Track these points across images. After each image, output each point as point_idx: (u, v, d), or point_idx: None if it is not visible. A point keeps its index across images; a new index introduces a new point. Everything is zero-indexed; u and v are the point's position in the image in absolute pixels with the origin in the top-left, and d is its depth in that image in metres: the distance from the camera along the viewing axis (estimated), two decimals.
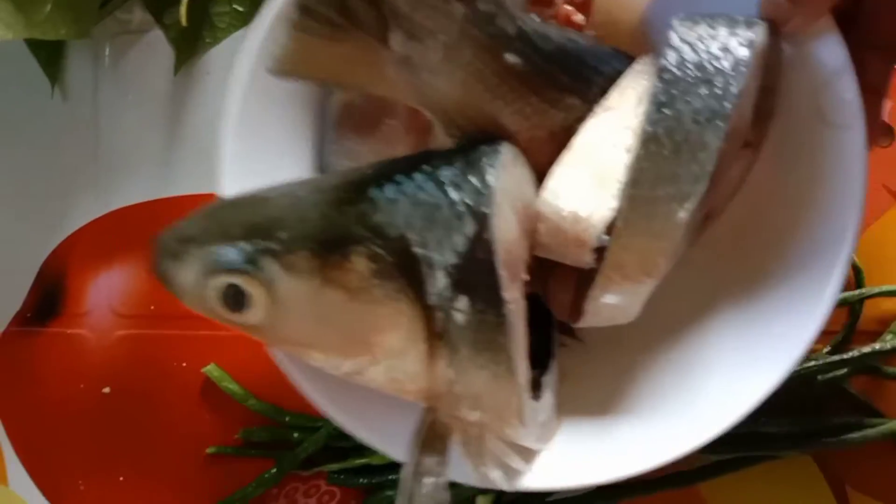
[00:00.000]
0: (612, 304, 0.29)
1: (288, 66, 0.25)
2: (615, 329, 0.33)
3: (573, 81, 0.28)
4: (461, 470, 0.28)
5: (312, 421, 0.42)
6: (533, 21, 0.26)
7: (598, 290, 0.29)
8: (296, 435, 0.42)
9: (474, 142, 0.27)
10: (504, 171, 0.25)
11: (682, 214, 0.27)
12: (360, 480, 0.42)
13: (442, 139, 0.28)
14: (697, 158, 0.26)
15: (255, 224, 0.26)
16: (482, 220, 0.24)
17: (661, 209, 0.27)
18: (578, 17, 0.31)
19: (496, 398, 0.27)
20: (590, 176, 0.28)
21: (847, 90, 0.29)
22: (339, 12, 0.23)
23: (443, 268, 0.24)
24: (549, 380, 0.32)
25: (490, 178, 0.25)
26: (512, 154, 0.27)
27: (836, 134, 0.30)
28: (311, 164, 0.33)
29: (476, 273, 0.24)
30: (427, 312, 0.25)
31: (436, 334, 0.25)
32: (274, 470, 0.42)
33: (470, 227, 0.24)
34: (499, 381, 0.26)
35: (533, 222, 0.28)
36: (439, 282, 0.24)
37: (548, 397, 0.31)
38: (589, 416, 0.33)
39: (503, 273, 0.25)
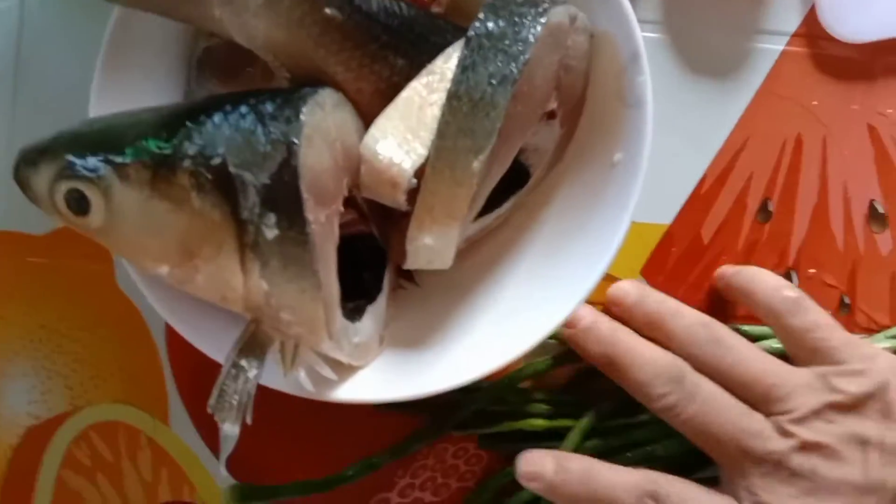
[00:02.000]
0: (429, 245, 0.34)
1: None
2: (447, 276, 0.37)
3: (399, 42, 0.32)
4: (275, 376, 0.32)
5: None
6: None
7: (414, 231, 0.33)
8: (454, 395, 0.39)
9: (303, 86, 0.31)
10: (319, 110, 0.30)
11: (477, 164, 0.31)
12: (511, 446, 0.41)
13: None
14: (489, 116, 0.30)
15: (102, 140, 0.30)
16: (290, 148, 0.28)
17: (461, 159, 0.31)
18: None
19: (305, 311, 0.31)
20: (406, 128, 0.32)
21: (638, 74, 0.34)
22: None
23: (254, 187, 0.28)
24: (375, 310, 0.36)
25: (302, 113, 0.29)
26: (333, 99, 0.31)
27: (631, 111, 0.34)
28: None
29: (283, 194, 0.28)
30: (241, 226, 0.29)
31: (248, 246, 0.29)
32: (430, 427, 0.42)
33: (280, 154, 0.28)
34: (305, 294, 0.30)
35: (356, 163, 0.32)
36: (251, 199, 0.28)
37: (368, 322, 0.35)
38: (411, 347, 0.37)
39: (307, 197, 0.29)
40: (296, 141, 0.28)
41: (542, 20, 0.31)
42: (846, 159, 0.42)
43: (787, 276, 0.42)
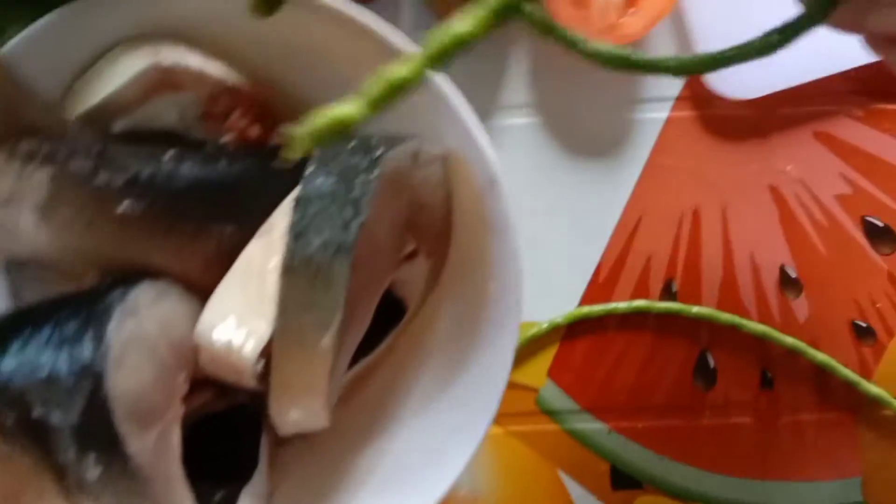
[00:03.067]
0: (296, 419, 0.30)
1: None
2: (333, 423, 0.34)
3: (223, 210, 0.28)
4: None
5: None
6: (157, 163, 0.27)
7: (275, 409, 0.30)
8: None
9: (115, 283, 0.27)
10: (130, 319, 0.26)
11: (327, 341, 0.27)
12: None
13: None
14: (331, 289, 0.27)
15: None
16: (97, 379, 0.25)
17: (309, 336, 0.28)
18: (254, 131, 0.32)
19: None
20: (245, 303, 0.29)
21: (497, 199, 0.30)
22: None
23: (67, 428, 0.25)
24: (252, 489, 0.32)
25: (108, 331, 0.25)
26: (150, 293, 0.27)
27: (496, 238, 0.31)
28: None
29: (97, 430, 0.25)
30: (59, 470, 0.25)
31: (73, 488, 0.25)
32: None
33: (86, 386, 0.25)
34: None
35: (193, 352, 0.29)
36: (63, 442, 0.25)
37: None
38: None
39: (127, 427, 0.25)
40: (100, 369, 0.25)
41: (375, 172, 0.27)
42: (749, 226, 0.39)
43: (703, 357, 0.39)
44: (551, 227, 0.38)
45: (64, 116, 0.27)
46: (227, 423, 0.34)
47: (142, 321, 0.26)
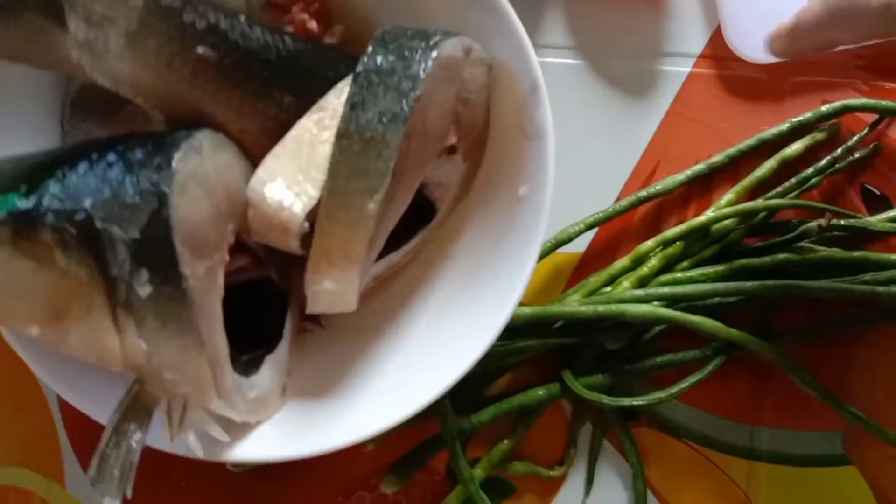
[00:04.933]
0: (329, 289, 0.32)
1: None
2: (354, 317, 0.35)
3: (284, 78, 0.30)
4: (161, 436, 0.30)
5: None
6: (234, 20, 0.29)
7: (311, 275, 0.31)
8: None
9: (179, 128, 0.29)
10: (195, 155, 0.28)
11: (372, 206, 0.29)
12: None
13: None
14: (382, 155, 0.29)
15: None
16: (161, 199, 0.26)
17: (355, 201, 0.29)
18: (313, 25, 0.34)
19: (189, 369, 0.29)
20: (297, 168, 0.30)
21: (537, 105, 0.33)
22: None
23: (123, 242, 0.26)
24: (274, 359, 0.34)
25: (174, 160, 0.27)
26: (212, 141, 0.29)
27: (533, 144, 0.33)
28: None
29: (155, 248, 0.26)
30: (111, 284, 0.27)
31: (120, 304, 0.27)
32: None
33: (150, 205, 0.26)
34: (187, 352, 0.28)
35: (242, 208, 0.30)
36: (120, 255, 0.26)
37: (266, 374, 0.33)
38: (316, 396, 0.35)
39: (182, 250, 0.27)
40: (167, 191, 0.26)
41: (433, 54, 0.30)
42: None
43: None
44: (573, 164, 0.41)
45: None
46: (255, 301, 0.35)
47: (204, 161, 0.28)
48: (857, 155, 0.40)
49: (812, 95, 0.41)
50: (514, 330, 0.39)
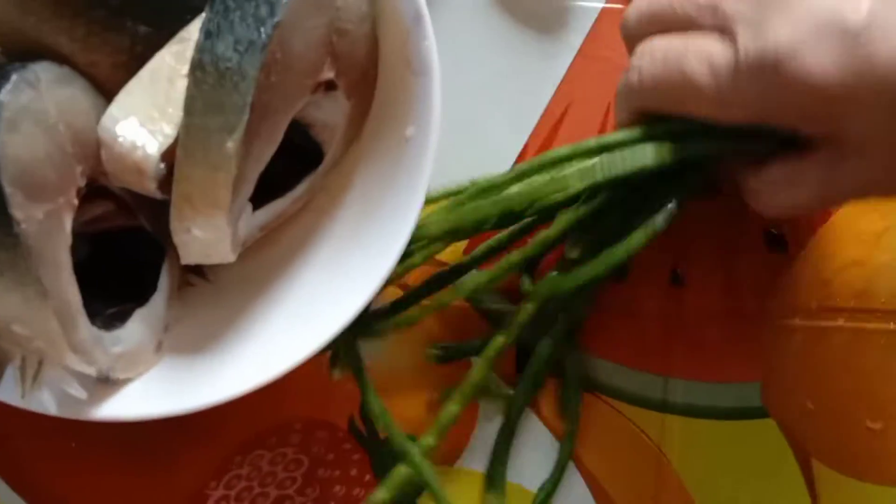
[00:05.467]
0: (199, 237, 0.30)
1: None
2: (241, 269, 0.34)
3: (138, 6, 0.28)
4: (12, 393, 0.28)
5: None
6: None
7: (175, 223, 0.29)
8: None
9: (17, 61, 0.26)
10: (28, 89, 0.25)
11: (230, 145, 0.27)
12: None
13: None
14: (238, 88, 0.27)
15: None
16: None
17: (214, 139, 0.27)
18: None
19: (36, 322, 0.27)
20: (152, 104, 0.28)
21: (422, 39, 0.30)
22: None
23: None
24: (146, 313, 0.32)
25: (2, 94, 0.24)
26: (51, 74, 0.26)
27: (418, 80, 0.31)
28: None
29: None
30: None
31: None
32: None
33: None
34: (31, 304, 0.26)
35: (94, 148, 0.28)
36: None
37: (135, 328, 0.31)
38: (198, 351, 0.33)
39: (12, 191, 0.24)
40: None
41: None
42: None
43: None
44: (479, 107, 0.38)
45: None
46: (131, 251, 0.33)
47: (42, 96, 0.26)
48: None
49: None
50: None
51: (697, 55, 0.30)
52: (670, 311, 0.39)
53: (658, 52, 0.32)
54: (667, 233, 0.33)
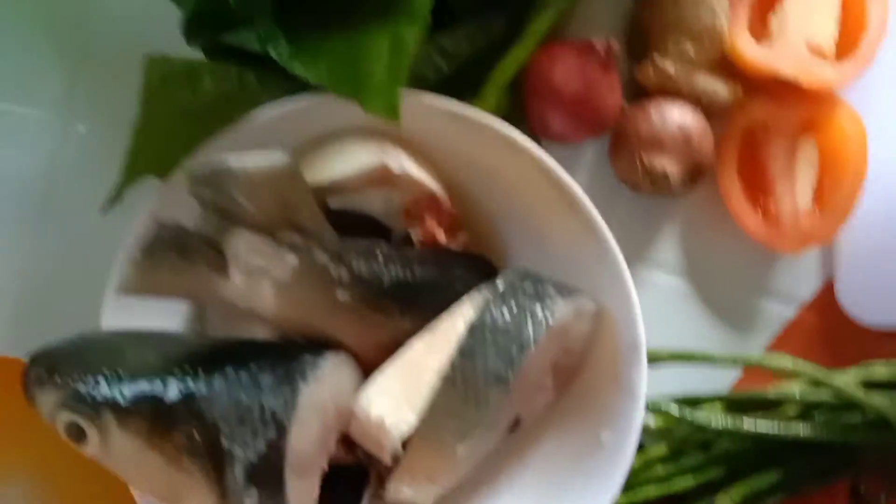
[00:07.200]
0: (408, 495, 0.34)
1: (131, 291, 0.30)
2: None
3: (405, 307, 0.33)
4: None
5: None
6: (372, 263, 0.32)
7: (393, 483, 0.34)
8: None
9: (303, 347, 0.32)
10: (317, 385, 0.31)
11: (461, 449, 0.32)
12: None
13: None
14: (480, 408, 0.31)
15: (109, 371, 0.31)
16: (280, 430, 0.30)
17: (447, 439, 0.32)
18: (441, 236, 0.36)
19: None
20: (401, 390, 0.33)
21: (635, 364, 0.34)
22: (180, 254, 0.29)
23: (242, 463, 0.30)
24: None
25: (300, 394, 0.30)
26: (334, 363, 0.32)
27: (624, 399, 0.35)
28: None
29: (267, 473, 0.30)
30: (223, 491, 0.30)
31: None
32: None
33: (270, 432, 0.30)
34: None
35: (348, 416, 0.33)
36: (237, 473, 0.30)
37: None
38: None
39: (290, 475, 0.30)
40: (287, 423, 0.30)
41: (549, 322, 0.32)
42: None
43: None
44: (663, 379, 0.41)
45: (322, 219, 0.32)
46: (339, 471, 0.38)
47: (323, 387, 0.31)
48: None
49: None
50: None
51: None
52: None
53: None
54: None
